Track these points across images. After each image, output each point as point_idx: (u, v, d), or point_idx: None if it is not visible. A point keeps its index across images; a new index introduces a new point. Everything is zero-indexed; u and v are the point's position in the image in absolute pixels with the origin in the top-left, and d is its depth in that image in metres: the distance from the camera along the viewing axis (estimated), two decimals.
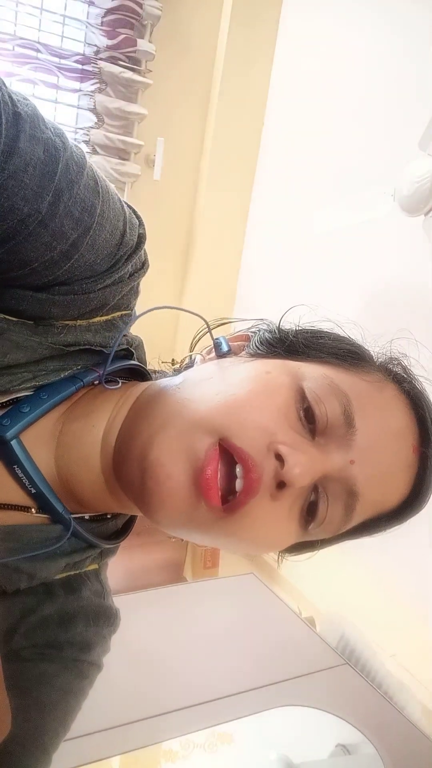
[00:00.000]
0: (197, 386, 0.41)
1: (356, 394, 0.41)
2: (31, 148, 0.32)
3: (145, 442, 0.38)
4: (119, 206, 0.39)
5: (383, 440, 0.41)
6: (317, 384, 0.40)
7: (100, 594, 0.47)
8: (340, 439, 0.40)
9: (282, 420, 0.38)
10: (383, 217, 1.26)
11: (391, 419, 0.42)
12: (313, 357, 0.44)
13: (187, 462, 0.37)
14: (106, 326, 0.43)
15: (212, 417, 0.38)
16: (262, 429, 0.37)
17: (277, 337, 0.47)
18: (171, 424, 0.38)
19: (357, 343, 0.47)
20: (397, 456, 0.42)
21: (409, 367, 0.47)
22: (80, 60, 1.82)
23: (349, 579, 1.35)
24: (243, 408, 0.38)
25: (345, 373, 0.43)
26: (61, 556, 0.42)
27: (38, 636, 0.42)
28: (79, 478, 0.42)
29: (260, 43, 2.02)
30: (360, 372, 0.43)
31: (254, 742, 1.14)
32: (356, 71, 1.63)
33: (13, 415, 0.39)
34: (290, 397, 0.39)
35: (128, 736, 0.93)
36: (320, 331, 0.48)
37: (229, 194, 2.11)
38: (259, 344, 0.47)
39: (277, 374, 0.41)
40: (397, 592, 1.34)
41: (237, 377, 0.41)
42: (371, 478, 0.40)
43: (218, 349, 0.47)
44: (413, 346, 0.48)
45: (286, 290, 1.87)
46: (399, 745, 1.01)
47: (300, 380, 0.41)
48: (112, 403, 0.44)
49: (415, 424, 0.43)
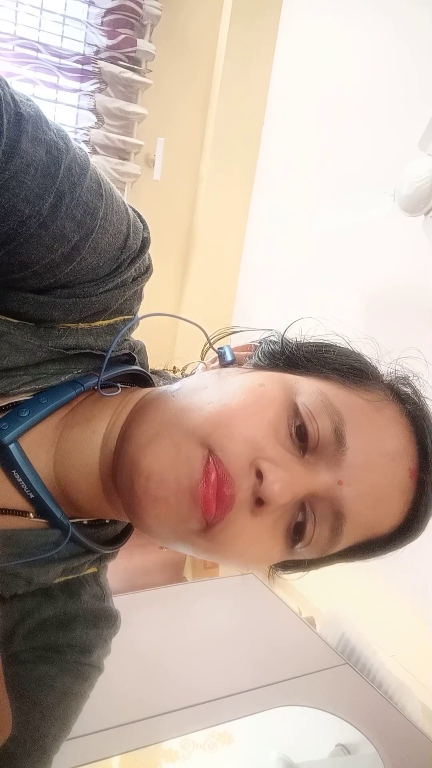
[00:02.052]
0: (192, 395, 0.41)
1: (351, 413, 0.39)
2: (33, 149, 0.32)
3: (137, 450, 0.38)
4: (123, 209, 0.38)
5: (375, 461, 0.39)
6: (311, 400, 0.39)
7: (100, 597, 0.47)
8: (330, 457, 0.38)
9: (271, 434, 0.37)
10: (383, 217, 1.26)
11: (387, 440, 0.40)
12: (314, 371, 0.43)
13: (179, 470, 0.36)
14: (108, 330, 0.43)
15: (201, 427, 0.37)
16: (248, 442, 0.37)
17: (280, 349, 0.46)
18: (163, 433, 0.38)
19: (363, 359, 0.45)
20: (391, 479, 0.40)
21: (418, 387, 0.45)
22: (80, 60, 1.82)
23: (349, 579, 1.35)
24: (232, 420, 0.37)
25: (343, 390, 0.41)
26: (59, 561, 0.42)
27: (38, 639, 0.41)
28: (78, 484, 0.42)
29: (260, 42, 2.01)
30: (360, 390, 0.42)
31: (254, 742, 1.14)
32: (356, 72, 1.63)
33: (12, 419, 0.39)
34: (282, 412, 0.38)
35: (128, 736, 0.93)
36: (326, 345, 0.46)
37: (229, 194, 2.11)
38: (262, 356, 0.46)
39: (270, 387, 0.40)
40: (397, 592, 1.34)
41: (230, 388, 0.40)
42: (360, 500, 0.39)
43: (222, 359, 0.47)
44: (422, 363, 0.47)
45: (287, 290, 1.87)
46: (399, 745, 1.01)
47: (294, 395, 0.40)
48: (112, 408, 0.44)
49: (414, 448, 0.41)
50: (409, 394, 0.44)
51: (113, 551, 0.48)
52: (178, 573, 1.81)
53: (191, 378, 0.46)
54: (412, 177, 1.13)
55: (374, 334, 0.48)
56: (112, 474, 0.41)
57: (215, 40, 2.02)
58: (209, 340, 0.48)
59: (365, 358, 0.46)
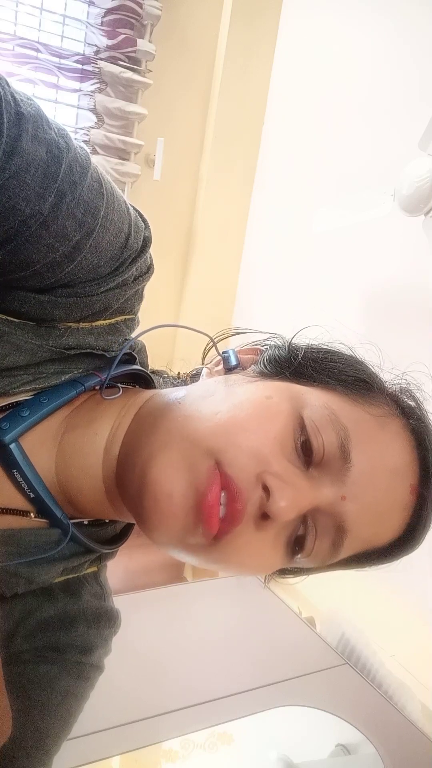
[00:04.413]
0: (199, 403, 0.41)
1: (356, 428, 0.40)
2: (34, 149, 0.32)
3: (146, 461, 0.38)
4: (124, 208, 0.38)
5: (379, 478, 0.39)
6: (317, 414, 0.39)
7: (100, 596, 0.47)
8: (334, 473, 0.39)
9: (277, 448, 0.38)
10: (383, 217, 1.26)
11: (391, 457, 0.40)
12: (320, 382, 0.43)
13: (187, 483, 0.36)
14: (109, 330, 0.43)
15: (209, 438, 0.37)
16: (255, 456, 0.37)
17: (286, 356, 0.46)
18: (171, 443, 0.38)
19: (368, 371, 0.45)
20: (393, 495, 0.40)
21: (421, 400, 0.45)
22: (80, 60, 1.82)
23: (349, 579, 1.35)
24: (240, 432, 0.37)
25: (349, 403, 0.41)
26: (59, 561, 0.42)
27: (38, 639, 0.41)
28: (79, 485, 0.42)
29: (260, 42, 2.01)
30: (365, 403, 0.42)
31: (254, 742, 1.14)
32: (356, 72, 1.63)
33: (13, 419, 0.39)
34: (288, 426, 0.39)
35: (128, 736, 0.93)
36: (332, 354, 0.46)
37: (229, 194, 2.11)
38: (268, 363, 0.46)
39: (278, 400, 0.40)
40: (397, 592, 1.34)
41: (237, 399, 0.40)
42: (362, 516, 0.39)
43: (226, 363, 0.46)
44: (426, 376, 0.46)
45: (287, 290, 1.87)
46: (399, 745, 1.01)
47: (301, 408, 0.40)
48: (116, 411, 0.44)
49: (416, 464, 0.41)
50: (413, 408, 0.44)
51: (113, 550, 0.48)
52: (178, 573, 1.81)
53: (197, 385, 0.46)
54: (412, 177, 1.13)
55: (374, 335, 0.48)
56: (115, 477, 0.41)
57: (215, 40, 2.03)
58: (216, 347, 0.48)
59: (370, 369, 0.46)
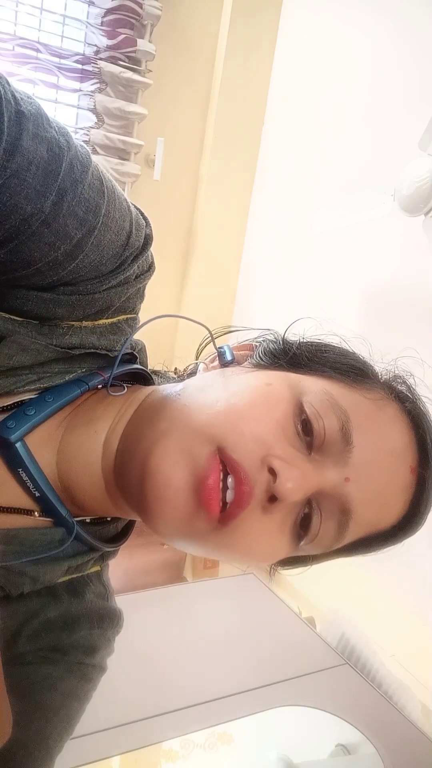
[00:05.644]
0: (197, 394, 0.41)
1: (356, 411, 0.40)
2: (35, 147, 0.32)
3: (146, 450, 0.38)
4: (126, 206, 0.38)
5: (380, 459, 0.40)
6: (317, 399, 0.40)
7: (103, 596, 0.47)
8: (336, 455, 0.39)
9: (279, 433, 0.38)
10: (383, 217, 1.26)
11: (390, 438, 0.41)
12: (316, 371, 0.44)
13: (187, 470, 0.36)
14: (111, 329, 0.43)
15: (211, 425, 0.37)
16: (258, 441, 0.37)
17: (281, 348, 0.46)
18: (171, 432, 0.38)
19: (361, 359, 0.46)
20: (394, 476, 0.41)
21: (413, 386, 0.46)
22: (80, 60, 1.82)
23: (349, 579, 1.35)
24: (241, 418, 0.38)
25: (346, 389, 0.42)
26: (64, 560, 0.42)
27: (42, 639, 0.41)
28: (81, 483, 0.42)
29: (260, 42, 2.02)
30: (362, 389, 0.43)
31: (254, 742, 1.14)
32: (356, 72, 1.63)
33: (19, 417, 0.39)
34: (289, 411, 0.39)
35: (128, 736, 0.93)
36: (325, 345, 0.47)
37: (229, 194, 2.11)
38: (263, 355, 0.46)
39: (277, 386, 0.40)
40: (397, 592, 1.34)
41: (237, 387, 0.41)
42: (366, 497, 0.40)
43: (222, 358, 0.47)
44: (418, 363, 0.48)
45: (287, 290, 1.88)
46: (399, 745, 1.01)
47: (300, 394, 0.40)
48: (116, 408, 0.44)
49: (414, 445, 0.42)
50: (407, 393, 0.45)
51: (115, 549, 0.48)
52: (178, 573, 1.81)
53: (194, 378, 0.46)
54: (412, 177, 1.13)
55: (374, 334, 0.49)
56: (115, 473, 0.41)
57: (215, 39, 2.03)
58: (213, 339, 0.49)
59: (362, 358, 0.47)
